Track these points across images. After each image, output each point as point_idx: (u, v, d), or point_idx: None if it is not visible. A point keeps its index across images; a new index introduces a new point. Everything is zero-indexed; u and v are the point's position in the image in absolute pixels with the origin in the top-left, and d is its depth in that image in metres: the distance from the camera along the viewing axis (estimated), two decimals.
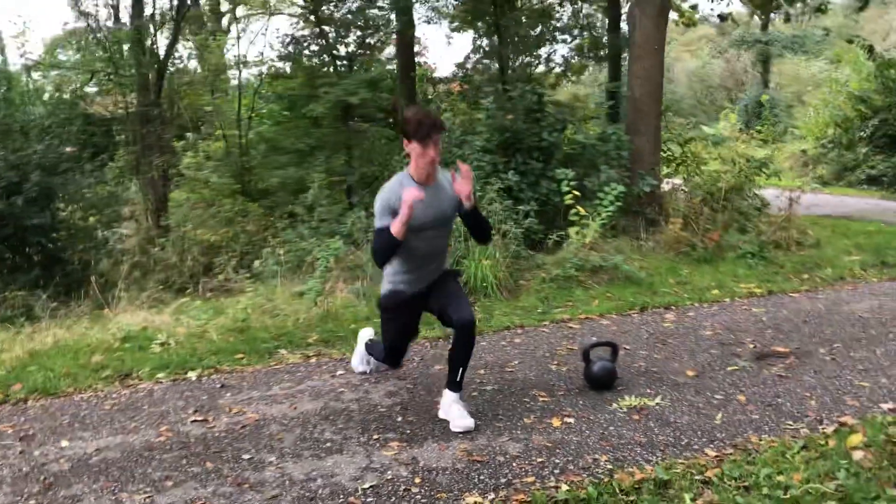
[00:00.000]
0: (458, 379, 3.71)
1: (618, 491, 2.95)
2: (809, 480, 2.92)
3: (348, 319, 5.90)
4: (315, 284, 6.02)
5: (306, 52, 10.70)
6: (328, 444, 3.55)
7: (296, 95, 12.00)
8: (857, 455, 3.15)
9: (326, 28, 10.44)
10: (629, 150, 8.57)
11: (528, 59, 11.79)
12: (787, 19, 14.70)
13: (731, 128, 25.30)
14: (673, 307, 6.05)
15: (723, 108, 30.38)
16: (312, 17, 10.44)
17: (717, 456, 3.27)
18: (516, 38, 11.37)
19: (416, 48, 13.16)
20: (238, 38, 14.02)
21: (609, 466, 3.20)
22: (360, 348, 4.58)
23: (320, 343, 5.40)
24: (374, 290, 6.62)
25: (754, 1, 13.31)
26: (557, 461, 3.27)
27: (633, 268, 7.03)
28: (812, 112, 25.10)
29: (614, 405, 3.89)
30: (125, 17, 11.55)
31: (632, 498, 2.91)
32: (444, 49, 56.50)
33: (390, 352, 4.14)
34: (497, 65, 11.82)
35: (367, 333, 4.66)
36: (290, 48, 10.81)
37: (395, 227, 3.48)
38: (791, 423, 3.61)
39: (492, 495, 2.99)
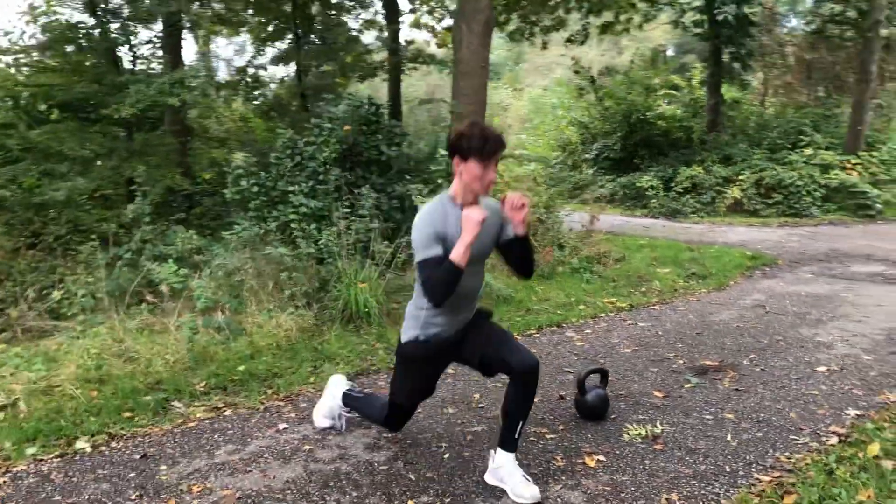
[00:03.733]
0: (516, 436, 3.13)
1: None
2: (879, 497, 3.00)
3: (230, 360, 5.01)
4: (192, 321, 5.04)
5: (76, 42, 9.03)
6: None
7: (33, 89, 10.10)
8: (888, 465, 3.32)
9: (101, 16, 8.93)
10: None
11: (330, 67, 11.19)
12: (545, 47, 16.05)
13: None
14: (565, 325, 6.05)
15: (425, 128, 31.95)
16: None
17: (770, 481, 3.23)
18: (317, 45, 10.75)
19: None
20: None
21: None
22: (329, 401, 3.80)
23: (217, 391, 4.51)
24: (238, 320, 5.77)
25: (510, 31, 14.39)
26: None
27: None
28: (526, 136, 27.51)
29: (626, 436, 3.71)
30: None
31: None
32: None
33: (397, 412, 3.45)
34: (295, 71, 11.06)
35: (338, 381, 3.89)
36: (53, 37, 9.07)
37: (458, 253, 2.84)
38: (795, 437, 3.70)
39: None
